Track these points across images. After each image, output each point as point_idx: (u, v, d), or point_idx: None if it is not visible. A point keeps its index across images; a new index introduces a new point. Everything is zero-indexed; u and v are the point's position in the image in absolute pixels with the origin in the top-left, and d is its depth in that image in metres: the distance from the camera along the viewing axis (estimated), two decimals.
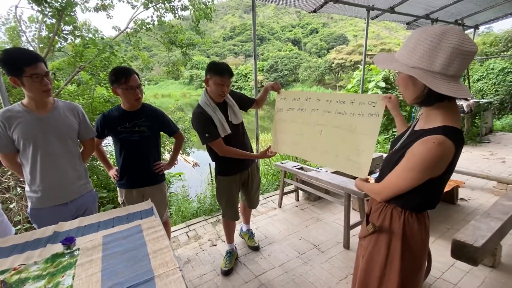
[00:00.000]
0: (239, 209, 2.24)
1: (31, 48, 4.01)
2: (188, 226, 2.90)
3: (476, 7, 4.44)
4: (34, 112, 1.46)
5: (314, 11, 3.82)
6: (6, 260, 1.09)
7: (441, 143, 0.83)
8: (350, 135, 1.58)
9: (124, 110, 1.84)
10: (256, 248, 2.42)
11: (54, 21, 3.77)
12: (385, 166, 1.09)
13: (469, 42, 0.77)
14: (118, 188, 1.98)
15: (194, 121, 1.87)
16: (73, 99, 3.84)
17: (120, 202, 1.99)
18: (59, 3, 3.56)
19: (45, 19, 3.75)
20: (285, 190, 3.29)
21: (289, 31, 78.19)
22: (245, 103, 2.12)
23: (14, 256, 1.12)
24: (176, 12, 5.10)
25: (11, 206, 2.56)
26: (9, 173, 2.79)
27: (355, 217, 2.57)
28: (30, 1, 3.31)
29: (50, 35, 3.87)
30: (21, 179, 2.77)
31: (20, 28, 4.05)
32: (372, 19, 4.23)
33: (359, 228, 2.52)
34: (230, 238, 2.28)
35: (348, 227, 2.37)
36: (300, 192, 3.44)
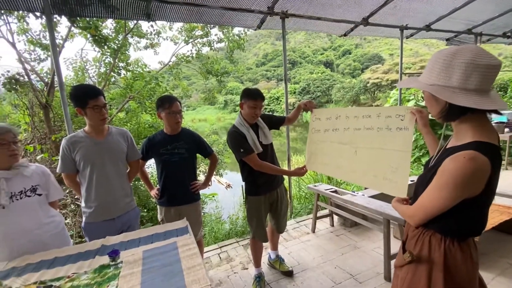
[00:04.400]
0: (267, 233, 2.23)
1: (91, 83, 4.71)
2: (221, 247, 2.92)
3: None
4: (93, 137, 1.69)
5: (345, 35, 3.88)
6: (61, 269, 1.23)
7: (472, 158, 0.80)
8: (382, 152, 1.51)
9: (166, 134, 2.03)
10: (289, 273, 2.33)
11: (111, 59, 4.43)
12: (418, 187, 1.03)
13: (486, 56, 0.79)
14: (158, 206, 2.13)
15: (230, 139, 1.98)
16: (122, 125, 4.33)
17: (160, 220, 2.12)
18: (116, 44, 4.20)
19: (104, 57, 4.43)
20: (319, 214, 3.17)
21: (321, 54, 79.11)
22: (275, 121, 2.20)
23: (69, 265, 1.25)
24: (212, 45, 5.63)
25: (66, 221, 2.87)
26: (67, 191, 3.16)
27: (396, 245, 2.36)
28: (93, 44, 3.97)
29: (107, 71, 4.53)
30: (76, 197, 3.13)
31: (84, 67, 4.82)
32: (407, 38, 4.15)
33: None
34: (258, 262, 2.25)
35: (388, 257, 2.19)
36: (335, 217, 3.29)
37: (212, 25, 5.24)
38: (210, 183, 2.37)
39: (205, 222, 3.73)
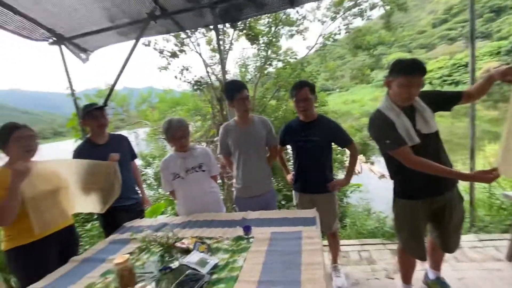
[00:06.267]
0: (425, 245, 1.69)
1: (250, 77, 5.63)
2: (362, 245, 2.64)
3: None
4: (240, 126, 1.98)
5: None
6: (214, 230, 1.55)
7: None
8: None
9: (301, 121, 2.02)
10: None
11: (264, 53, 5.04)
12: None
13: None
14: (293, 191, 2.21)
15: (372, 127, 1.60)
16: (274, 111, 4.87)
17: (295, 204, 2.21)
18: (268, 38, 4.70)
19: (258, 52, 5.12)
20: None
21: None
22: (444, 100, 1.55)
23: (219, 229, 1.56)
24: (365, 14, 4.89)
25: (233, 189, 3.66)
26: None
27: None
28: (249, 42, 4.66)
29: (261, 64, 5.20)
30: None
31: (245, 63, 5.83)
32: None
33: None
34: (406, 278, 1.80)
35: None
36: None
37: None
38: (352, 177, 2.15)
39: (348, 213, 3.52)
